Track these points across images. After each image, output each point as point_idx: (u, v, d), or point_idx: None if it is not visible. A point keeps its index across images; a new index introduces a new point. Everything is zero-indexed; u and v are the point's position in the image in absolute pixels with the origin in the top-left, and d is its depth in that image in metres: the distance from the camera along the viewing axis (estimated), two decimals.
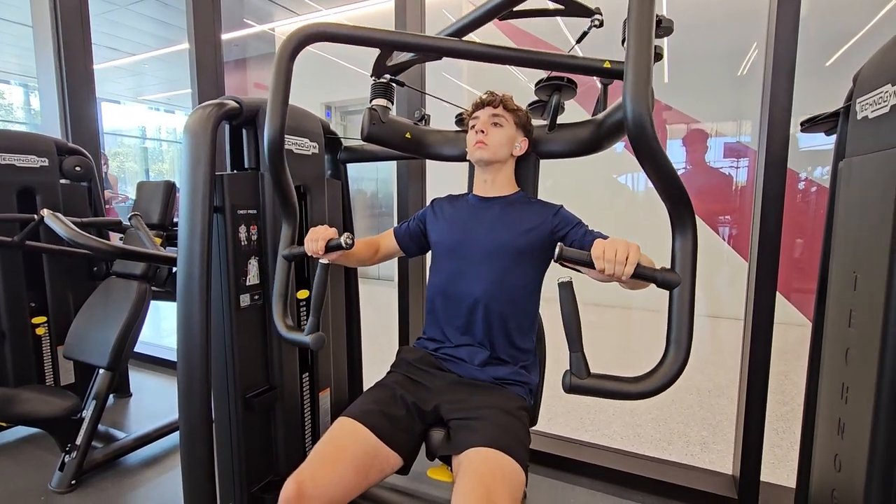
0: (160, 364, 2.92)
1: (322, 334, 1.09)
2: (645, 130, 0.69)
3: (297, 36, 0.98)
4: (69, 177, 2.16)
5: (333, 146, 1.66)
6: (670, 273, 0.75)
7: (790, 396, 2.56)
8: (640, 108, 0.68)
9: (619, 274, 0.76)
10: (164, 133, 10.23)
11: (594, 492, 1.67)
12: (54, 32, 2.46)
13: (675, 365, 0.75)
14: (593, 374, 0.76)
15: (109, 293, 1.94)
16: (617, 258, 0.76)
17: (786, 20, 1.32)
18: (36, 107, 7.97)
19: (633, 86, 0.68)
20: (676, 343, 0.75)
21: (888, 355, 0.77)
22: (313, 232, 1.11)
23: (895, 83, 0.77)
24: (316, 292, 1.08)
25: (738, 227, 4.30)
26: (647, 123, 0.69)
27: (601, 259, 0.77)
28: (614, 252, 0.76)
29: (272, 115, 1.03)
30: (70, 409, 1.75)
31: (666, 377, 0.75)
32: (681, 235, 0.75)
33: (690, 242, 0.75)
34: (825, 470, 0.99)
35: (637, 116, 0.69)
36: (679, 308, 0.75)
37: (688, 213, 0.74)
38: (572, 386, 0.76)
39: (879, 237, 0.80)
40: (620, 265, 0.76)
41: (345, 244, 1.06)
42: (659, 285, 0.76)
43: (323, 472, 0.91)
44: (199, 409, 1.20)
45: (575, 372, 0.76)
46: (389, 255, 1.36)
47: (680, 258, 0.75)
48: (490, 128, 1.19)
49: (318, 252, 1.09)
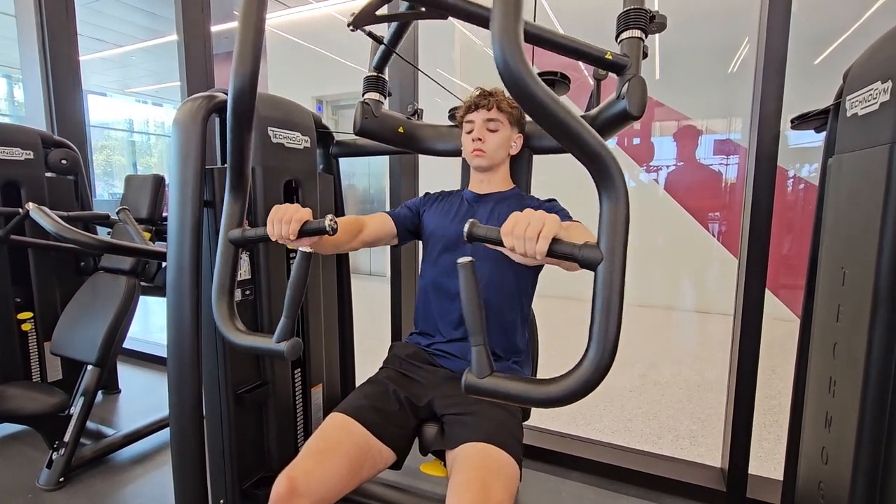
0: (149, 360, 2.89)
1: (298, 340, 0.86)
2: (516, 73, 0.55)
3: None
4: (55, 170, 2.12)
5: (325, 140, 1.64)
6: (591, 249, 0.60)
7: (777, 391, 2.60)
8: (509, 49, 0.55)
9: (530, 252, 0.63)
10: (152, 126, 10.08)
11: (585, 485, 1.69)
12: (39, 22, 2.41)
13: (595, 366, 0.58)
14: (495, 374, 0.64)
15: (97, 288, 1.91)
16: (527, 233, 0.62)
17: (777, 17, 1.33)
18: (20, 98, 7.81)
19: (500, 26, 0.56)
20: (599, 338, 0.59)
21: (875, 350, 0.79)
22: (280, 210, 0.88)
23: (885, 80, 0.78)
24: (293, 288, 0.85)
25: (727, 224, 4.35)
26: (517, 62, 0.55)
27: (510, 235, 0.64)
28: (524, 226, 0.63)
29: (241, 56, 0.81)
30: (57, 405, 1.72)
31: (582, 381, 0.59)
32: (607, 201, 0.59)
33: (620, 210, 0.58)
34: (812, 462, 1.00)
35: (503, 55, 0.55)
36: (604, 294, 0.59)
37: (612, 171, 0.59)
38: (468, 385, 0.64)
39: (867, 233, 0.81)
40: (531, 241, 0.62)
41: (329, 228, 0.86)
42: (580, 265, 0.61)
43: (315, 468, 0.91)
44: (190, 405, 1.18)
45: (475, 370, 0.64)
46: (376, 239, 1.23)
47: (607, 230, 0.59)
48: (486, 133, 1.18)
49: (290, 236, 0.87)
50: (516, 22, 0.56)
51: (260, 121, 1.33)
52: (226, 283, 0.93)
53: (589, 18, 1.11)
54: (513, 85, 0.57)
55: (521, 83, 0.56)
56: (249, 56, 0.81)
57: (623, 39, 1.03)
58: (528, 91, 0.56)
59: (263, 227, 0.90)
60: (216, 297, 0.92)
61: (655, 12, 1.03)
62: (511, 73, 0.56)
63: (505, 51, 0.55)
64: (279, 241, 0.89)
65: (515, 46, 0.55)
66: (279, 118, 1.35)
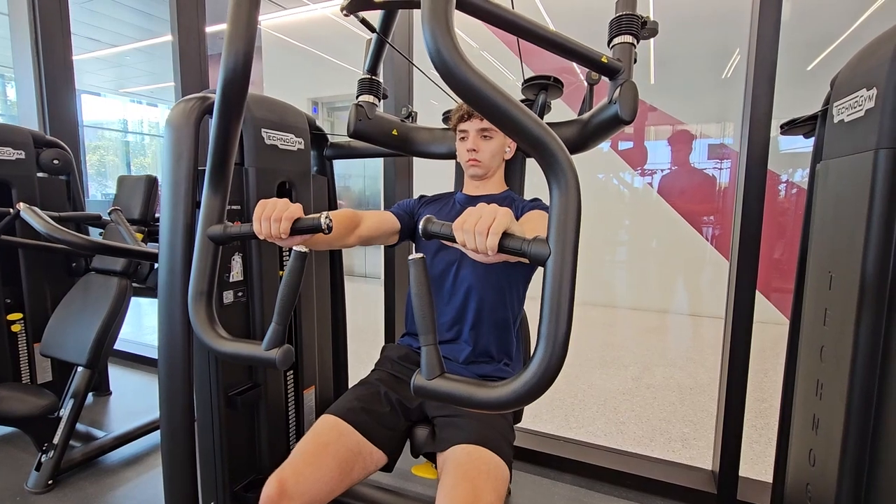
0: (141, 361, 2.87)
1: (290, 347, 0.78)
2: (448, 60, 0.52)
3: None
4: (47, 170, 2.11)
5: (319, 142, 1.64)
6: (540, 243, 0.56)
7: (768, 394, 2.62)
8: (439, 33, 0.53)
9: (481, 247, 0.59)
10: (146, 127, 10.03)
11: (577, 488, 1.69)
12: (32, 21, 2.40)
13: (543, 368, 0.55)
14: (445, 376, 0.60)
15: (88, 289, 1.90)
16: (476, 228, 0.59)
17: (767, 24, 1.34)
18: (12, 98, 7.75)
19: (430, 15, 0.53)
20: (548, 338, 0.55)
21: (860, 353, 0.80)
22: (267, 206, 0.79)
23: (870, 88, 0.79)
24: (285, 291, 0.77)
25: (720, 228, 4.38)
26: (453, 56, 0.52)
27: (460, 230, 0.60)
28: (474, 221, 0.59)
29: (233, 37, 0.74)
30: (47, 407, 1.71)
31: (530, 384, 0.55)
32: (557, 192, 0.56)
33: (571, 201, 0.55)
34: (800, 465, 1.01)
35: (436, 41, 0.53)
36: (553, 290, 0.55)
37: (560, 161, 0.55)
38: (416, 387, 0.61)
39: (853, 238, 0.82)
40: (481, 236, 0.58)
41: (325, 226, 0.79)
42: (530, 260, 0.58)
43: (305, 470, 0.91)
44: (181, 407, 1.18)
45: (424, 371, 0.60)
46: (374, 236, 1.17)
47: (556, 223, 0.55)
48: (480, 142, 1.19)
49: (281, 235, 0.79)
50: (447, 4, 0.53)
51: (254, 122, 1.33)
52: (203, 285, 0.83)
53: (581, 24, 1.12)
54: (445, 72, 0.54)
55: (453, 69, 0.53)
56: (243, 33, 0.74)
57: (615, 45, 1.04)
58: (461, 77, 0.53)
59: (249, 224, 0.82)
60: (192, 299, 0.83)
61: (647, 18, 1.04)
62: (443, 60, 0.53)
63: (436, 35, 0.52)
64: (268, 240, 0.82)
65: (445, 30, 0.52)
66: (273, 120, 1.35)
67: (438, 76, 0.56)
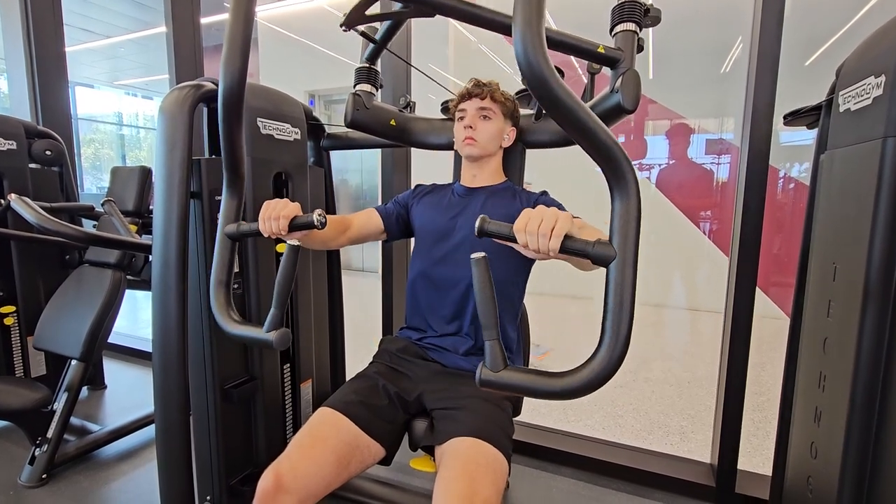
0: (136, 355, 2.85)
1: (287, 331, 0.90)
2: (539, 72, 0.57)
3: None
4: (39, 161, 2.08)
5: (316, 133, 1.62)
6: (605, 246, 0.61)
7: (766, 387, 2.63)
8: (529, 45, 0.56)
9: (543, 249, 0.64)
10: (141, 120, 9.95)
11: (576, 481, 1.69)
12: (23, 10, 2.36)
13: (608, 359, 0.61)
14: (510, 367, 0.65)
15: (82, 282, 1.87)
16: (540, 230, 0.63)
17: (770, 16, 1.33)
18: (4, 89, 7.65)
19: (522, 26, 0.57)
20: (612, 332, 0.61)
21: (865, 345, 0.79)
22: (270, 207, 0.92)
23: (878, 75, 0.78)
24: (281, 280, 0.88)
25: (718, 223, 4.38)
26: (540, 61, 0.56)
27: (522, 232, 0.64)
28: (537, 223, 0.63)
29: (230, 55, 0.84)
30: (40, 401, 1.69)
31: (596, 373, 0.61)
32: (620, 200, 0.61)
33: (632, 209, 0.61)
34: (801, 457, 1.00)
35: (526, 53, 0.56)
36: (617, 289, 0.61)
37: (626, 171, 0.61)
38: (483, 380, 0.65)
39: (859, 228, 0.81)
40: (544, 238, 0.63)
41: (317, 223, 0.89)
42: (592, 261, 0.63)
43: (302, 463, 0.90)
44: (176, 401, 1.16)
45: (489, 364, 0.65)
46: (364, 235, 1.24)
47: (619, 228, 0.61)
48: (478, 121, 1.17)
49: (280, 232, 0.91)
50: (539, 22, 0.57)
51: (249, 111, 1.30)
52: (223, 275, 0.98)
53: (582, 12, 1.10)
54: (535, 83, 0.58)
55: (544, 81, 0.57)
56: (238, 54, 0.84)
57: (617, 33, 1.02)
58: (550, 89, 0.58)
59: (256, 223, 0.94)
60: (214, 288, 0.97)
61: (650, 5, 1.02)
62: (533, 72, 0.57)
63: (528, 50, 0.57)
64: (271, 237, 0.93)
65: (539, 45, 0.57)
66: (269, 109, 1.33)
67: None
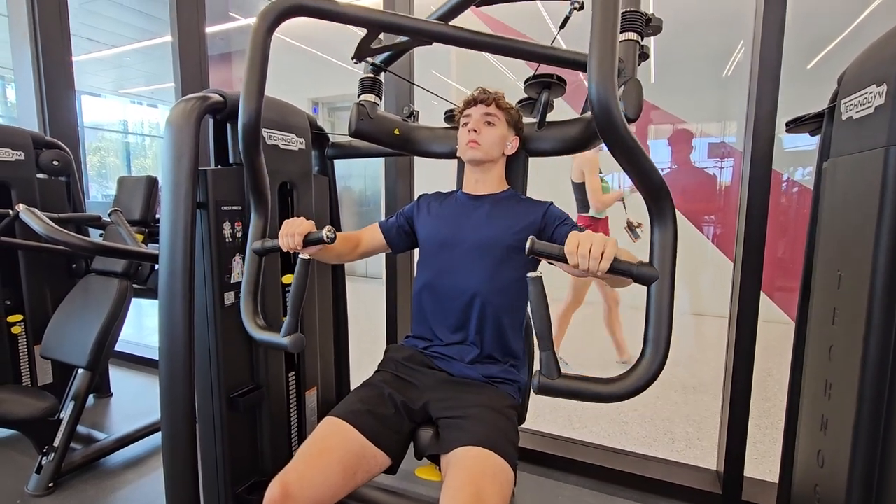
0: (141, 363, 2.86)
1: (301, 335, 1.03)
2: (612, 118, 0.65)
3: (276, 9, 0.93)
4: (47, 171, 2.10)
5: (320, 142, 1.64)
6: (648, 267, 0.72)
7: (772, 393, 2.61)
8: (605, 95, 0.64)
9: (593, 269, 0.73)
10: (146, 128, 10.02)
11: (581, 489, 1.68)
12: (31, 22, 2.39)
13: (652, 366, 0.71)
14: (564, 375, 0.73)
15: (89, 291, 1.89)
16: (591, 253, 0.72)
17: (772, 22, 1.33)
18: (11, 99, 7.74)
19: (597, 70, 0.64)
20: (654, 342, 0.71)
21: (871, 353, 0.79)
22: (288, 225, 1.04)
23: (880, 84, 0.78)
24: (295, 290, 1.01)
25: (722, 227, 4.37)
26: (613, 110, 0.64)
27: (574, 255, 0.73)
28: (588, 247, 0.73)
29: (248, 95, 0.98)
30: (47, 409, 1.70)
31: (642, 379, 0.71)
32: (660, 228, 0.72)
33: (670, 235, 0.71)
34: (808, 465, 1.00)
35: (603, 103, 0.64)
36: (657, 305, 0.71)
37: (667, 204, 0.71)
38: (541, 387, 0.72)
39: (863, 236, 0.81)
40: (595, 261, 0.72)
41: (326, 238, 1.01)
42: (636, 280, 0.73)
43: (309, 473, 0.90)
44: (182, 409, 1.17)
45: (545, 372, 0.73)
46: (372, 250, 1.32)
47: (659, 252, 0.72)
48: (483, 126, 1.18)
49: (296, 247, 1.03)
50: (612, 70, 0.65)
51: None
52: (251, 286, 1.11)
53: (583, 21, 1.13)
54: (606, 124, 0.66)
55: (615, 128, 0.66)
56: (255, 95, 0.98)
57: (619, 42, 1.03)
58: (620, 135, 0.67)
59: (277, 240, 1.07)
60: (244, 297, 1.11)
61: (651, 15, 1.03)
62: (607, 118, 0.66)
63: (601, 94, 0.65)
64: (290, 251, 1.05)
65: (612, 93, 0.65)
66: (274, 119, 1.34)
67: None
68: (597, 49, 0.65)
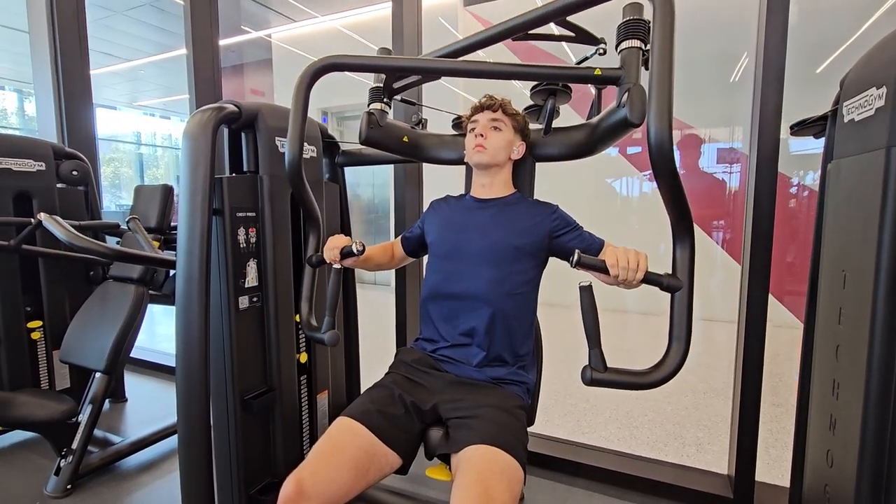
0: (154, 368, 2.91)
1: (336, 332, 1.22)
2: (665, 151, 0.77)
3: (314, 67, 1.09)
4: (66, 181, 2.16)
5: (331, 150, 1.67)
6: (674, 279, 0.87)
7: (783, 398, 2.59)
8: (662, 132, 0.77)
9: (631, 279, 0.87)
10: (159, 139, 10.21)
11: (591, 493, 1.68)
12: (51, 38, 2.47)
13: (677, 357, 0.86)
14: (610, 368, 0.86)
15: (106, 297, 1.94)
16: (630, 265, 0.87)
17: (775, 28, 1.35)
18: (31, 112, 7.94)
19: (657, 110, 0.77)
20: (678, 339, 0.86)
21: (876, 351, 0.79)
22: (331, 241, 1.20)
23: (879, 86, 0.80)
24: (331, 294, 1.21)
25: (731, 232, 4.34)
26: (667, 145, 0.76)
27: (616, 266, 0.87)
28: (627, 260, 0.87)
29: (291, 141, 1.14)
30: (66, 412, 1.74)
31: (670, 368, 0.86)
32: (681, 245, 0.87)
33: (689, 251, 0.86)
34: (818, 466, 1.00)
35: (659, 138, 0.77)
36: (680, 308, 0.86)
37: (689, 226, 0.85)
38: (593, 379, 0.85)
39: (866, 236, 0.82)
40: (633, 272, 0.87)
41: (356, 251, 1.16)
42: (664, 289, 0.87)
43: (322, 471, 0.92)
44: (198, 412, 1.20)
45: (594, 366, 0.86)
46: (401, 258, 1.43)
47: (680, 265, 0.86)
48: (489, 131, 1.21)
49: (335, 259, 1.18)
50: (670, 113, 0.77)
51: (267, 131, 1.36)
52: (308, 293, 1.31)
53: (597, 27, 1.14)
54: (661, 160, 0.79)
55: (668, 162, 0.79)
56: (297, 140, 1.14)
57: (623, 49, 1.05)
58: (669, 165, 0.79)
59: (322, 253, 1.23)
60: (303, 302, 1.31)
61: None
62: (662, 154, 0.78)
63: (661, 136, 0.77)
64: (331, 262, 1.20)
65: (668, 134, 0.77)
66: (286, 128, 1.38)
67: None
68: (657, 86, 0.79)
